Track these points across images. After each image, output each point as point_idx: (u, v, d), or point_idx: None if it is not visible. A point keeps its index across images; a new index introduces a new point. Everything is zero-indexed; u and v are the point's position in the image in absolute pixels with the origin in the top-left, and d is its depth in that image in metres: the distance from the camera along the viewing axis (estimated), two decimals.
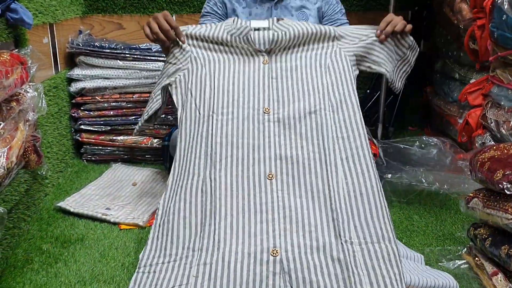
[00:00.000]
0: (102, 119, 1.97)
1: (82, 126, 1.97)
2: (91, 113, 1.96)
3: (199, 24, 1.65)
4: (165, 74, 1.41)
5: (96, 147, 2.00)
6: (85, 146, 2.01)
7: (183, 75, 1.37)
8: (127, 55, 1.92)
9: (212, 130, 1.24)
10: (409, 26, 1.44)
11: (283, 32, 1.38)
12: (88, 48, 1.93)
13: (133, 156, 2.02)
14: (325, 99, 1.28)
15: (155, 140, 1.98)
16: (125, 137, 1.98)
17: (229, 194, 1.17)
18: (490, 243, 1.12)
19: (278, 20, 1.46)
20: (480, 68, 1.78)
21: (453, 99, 1.97)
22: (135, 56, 1.92)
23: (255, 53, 1.39)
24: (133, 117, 1.97)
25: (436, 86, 2.19)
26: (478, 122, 1.74)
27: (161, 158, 1.97)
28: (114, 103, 1.95)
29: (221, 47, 1.41)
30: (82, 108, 1.97)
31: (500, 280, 1.09)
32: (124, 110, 1.96)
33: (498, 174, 1.07)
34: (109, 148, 2.01)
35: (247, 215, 1.15)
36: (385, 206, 1.14)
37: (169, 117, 1.97)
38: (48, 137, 1.71)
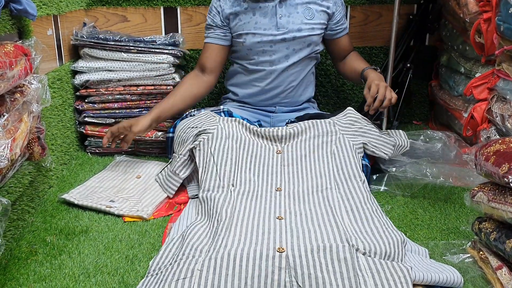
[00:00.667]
0: (106, 111, 1.97)
1: (86, 119, 1.97)
2: (95, 105, 1.96)
3: (205, 35, 1.88)
4: (187, 135, 1.62)
5: (100, 140, 2.00)
6: (89, 139, 2.01)
7: (207, 139, 1.55)
8: (131, 48, 1.91)
9: (230, 196, 1.37)
10: (394, 99, 1.66)
11: (293, 129, 1.61)
12: (93, 40, 1.92)
13: (137, 149, 2.02)
14: (331, 180, 1.43)
15: (159, 133, 1.98)
16: None
17: (241, 216, 1.28)
18: (495, 237, 1.12)
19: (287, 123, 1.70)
20: (485, 62, 1.77)
21: (458, 93, 1.96)
22: (140, 49, 1.92)
23: (270, 144, 1.61)
24: (137, 110, 1.97)
25: (441, 80, 2.18)
26: (483, 116, 1.74)
27: (165, 152, 1.97)
28: (118, 96, 1.95)
29: (243, 129, 1.63)
30: (86, 101, 1.97)
31: (504, 274, 1.08)
32: (129, 103, 1.96)
33: (504, 168, 1.06)
34: None
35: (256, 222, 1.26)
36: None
37: None
38: (53, 129, 1.71)
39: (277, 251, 1.09)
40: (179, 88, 1.86)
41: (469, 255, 1.24)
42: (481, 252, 1.20)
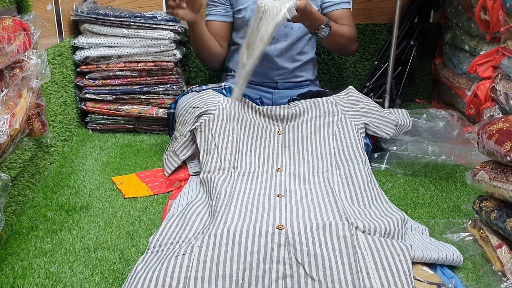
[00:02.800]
0: (107, 88, 1.96)
1: (87, 95, 1.96)
2: (96, 82, 1.95)
3: (206, 13, 1.86)
4: (189, 115, 1.58)
5: (101, 116, 2.00)
6: (90, 115, 2.01)
7: (208, 120, 1.53)
8: (132, 23, 1.89)
9: (230, 177, 1.38)
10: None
11: (295, 109, 1.61)
12: (93, 16, 1.90)
13: (138, 126, 2.01)
14: (332, 162, 1.43)
15: (161, 110, 1.97)
16: (130, 107, 1.97)
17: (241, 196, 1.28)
18: (496, 216, 1.11)
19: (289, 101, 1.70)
20: (490, 39, 1.74)
21: (462, 71, 1.94)
22: (140, 24, 1.89)
23: (272, 124, 1.60)
24: (138, 86, 1.95)
25: (445, 58, 2.15)
26: (487, 95, 1.72)
27: (166, 128, 1.97)
28: (119, 72, 1.94)
29: (245, 108, 1.61)
30: (87, 77, 1.95)
31: (504, 253, 1.08)
32: (129, 79, 1.95)
33: (506, 146, 1.05)
34: (114, 118, 2.00)
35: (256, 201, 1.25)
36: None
37: (174, 87, 1.95)
38: (53, 105, 1.70)
39: (277, 228, 1.09)
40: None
41: (469, 233, 1.24)
42: (481, 231, 1.20)
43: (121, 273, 1.11)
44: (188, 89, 1.79)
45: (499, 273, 1.09)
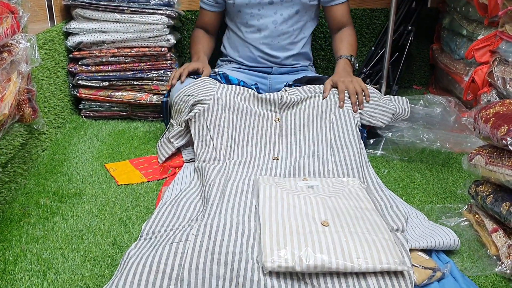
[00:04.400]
0: (100, 74, 1.93)
1: (80, 82, 1.93)
2: (89, 68, 1.92)
3: (200, 6, 1.89)
4: (183, 104, 1.56)
5: (95, 103, 1.97)
6: (83, 102, 1.98)
7: (202, 110, 1.50)
8: (124, 8, 1.86)
9: (225, 167, 1.38)
10: (366, 91, 1.60)
11: (292, 96, 1.59)
12: (85, 1, 1.86)
13: (132, 113, 1.99)
14: (327, 147, 1.43)
15: (155, 97, 1.95)
16: (124, 93, 1.95)
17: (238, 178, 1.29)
18: (492, 200, 1.10)
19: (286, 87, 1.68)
20: (488, 24, 1.72)
21: (460, 56, 1.92)
22: (133, 9, 1.86)
23: (269, 110, 1.58)
24: (131, 72, 1.93)
25: (443, 43, 2.13)
26: (484, 80, 1.70)
27: (161, 115, 1.95)
28: (112, 58, 1.91)
29: (241, 96, 1.58)
30: (79, 63, 1.92)
31: (499, 237, 1.07)
32: (122, 65, 1.92)
33: (503, 130, 1.04)
34: (107, 104, 1.98)
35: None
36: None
37: (168, 73, 1.93)
38: (45, 91, 1.68)
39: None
40: (201, 39, 1.90)
41: (465, 218, 1.23)
42: (476, 216, 1.19)
43: (113, 259, 1.10)
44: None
45: (494, 257, 1.08)
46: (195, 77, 1.70)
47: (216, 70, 1.74)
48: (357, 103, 1.57)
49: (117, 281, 0.95)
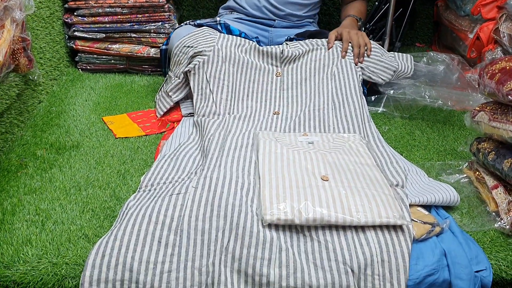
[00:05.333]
0: (96, 25, 1.88)
1: (76, 33, 1.88)
2: (85, 19, 1.87)
3: None
4: (183, 55, 1.52)
5: (91, 56, 1.93)
6: (79, 54, 1.94)
7: (202, 62, 1.47)
8: None
9: (225, 121, 1.36)
10: (369, 45, 1.57)
11: (294, 49, 1.55)
12: None
13: (129, 66, 1.95)
14: (328, 100, 1.41)
15: (152, 50, 1.90)
16: (121, 46, 1.91)
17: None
18: (493, 157, 1.10)
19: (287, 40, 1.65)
20: None
21: (465, 12, 1.87)
22: None
23: (270, 64, 1.54)
24: (128, 24, 1.87)
25: None
26: (489, 37, 1.67)
27: (158, 69, 1.91)
28: (108, 9, 1.85)
29: (241, 48, 1.54)
30: (75, 14, 1.87)
31: (499, 193, 1.07)
32: (119, 16, 1.86)
33: (508, 85, 1.02)
34: (104, 57, 1.94)
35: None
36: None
37: (165, 25, 1.88)
38: (40, 42, 1.64)
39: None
40: None
41: (465, 175, 1.23)
42: (477, 173, 1.19)
43: (112, 210, 1.10)
44: (186, 22, 1.73)
45: (493, 213, 1.08)
46: (196, 23, 1.65)
47: (218, 18, 1.70)
48: (359, 55, 1.54)
49: (116, 231, 0.95)
